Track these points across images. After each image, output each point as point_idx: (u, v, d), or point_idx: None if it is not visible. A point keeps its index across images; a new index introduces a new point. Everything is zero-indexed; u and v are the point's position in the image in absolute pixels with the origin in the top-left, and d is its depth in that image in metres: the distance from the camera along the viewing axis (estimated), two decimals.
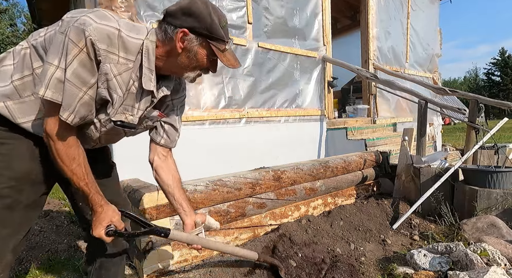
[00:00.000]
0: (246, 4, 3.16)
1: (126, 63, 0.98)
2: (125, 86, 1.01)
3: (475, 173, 2.56)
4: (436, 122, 5.95)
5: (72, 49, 0.88)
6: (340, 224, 2.41)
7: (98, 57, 0.92)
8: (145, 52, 1.00)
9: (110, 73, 0.96)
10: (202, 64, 1.06)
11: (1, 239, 0.99)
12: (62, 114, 0.91)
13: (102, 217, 1.04)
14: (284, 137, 3.56)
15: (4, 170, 0.97)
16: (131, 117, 1.07)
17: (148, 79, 1.02)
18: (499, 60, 48.03)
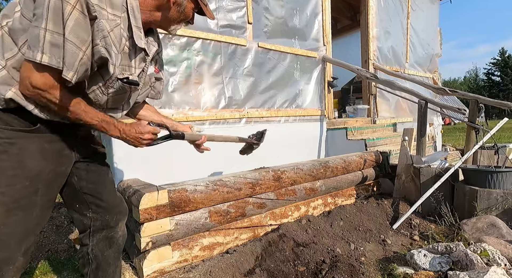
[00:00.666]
0: (246, 4, 3.16)
1: (114, 19, 0.98)
2: (118, 43, 1.01)
3: (475, 173, 2.56)
4: (436, 122, 5.95)
5: (65, 8, 0.86)
6: (340, 224, 2.41)
7: (93, 13, 0.91)
8: (130, 10, 1.02)
9: (105, 30, 0.95)
10: (188, 17, 1.16)
11: (15, 243, 0.97)
12: (66, 74, 0.90)
13: (136, 124, 1.11)
14: (284, 137, 3.56)
15: (18, 170, 0.96)
16: (131, 76, 1.09)
17: (138, 36, 1.05)
18: (499, 60, 48.05)
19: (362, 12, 4.74)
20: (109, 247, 1.27)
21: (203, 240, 1.97)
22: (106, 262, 1.28)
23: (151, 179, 2.23)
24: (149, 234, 1.72)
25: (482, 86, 52.58)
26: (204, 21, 2.87)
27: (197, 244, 1.94)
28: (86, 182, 1.20)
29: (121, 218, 1.30)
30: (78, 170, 1.18)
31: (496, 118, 23.03)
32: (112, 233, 1.27)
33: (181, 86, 2.72)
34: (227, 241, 2.08)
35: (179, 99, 2.70)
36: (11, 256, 0.97)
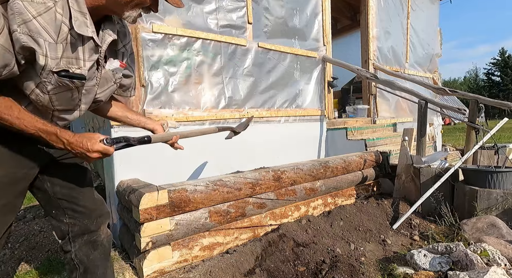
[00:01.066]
0: (246, 4, 3.16)
1: (43, 2, 0.83)
2: (54, 30, 0.86)
3: (475, 173, 2.56)
4: (436, 122, 5.95)
5: None
6: (340, 224, 2.41)
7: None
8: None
9: (25, 13, 0.80)
10: (143, 1, 0.98)
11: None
12: None
13: (87, 137, 0.93)
14: (284, 137, 3.56)
15: None
16: (78, 70, 0.94)
17: (81, 23, 0.89)
18: (499, 60, 48.04)
19: (362, 12, 4.74)
20: (94, 250, 1.23)
21: (203, 240, 1.97)
22: (93, 264, 1.24)
23: (151, 179, 2.23)
24: (149, 234, 1.72)
25: (482, 86, 52.57)
26: (204, 21, 2.87)
27: (197, 244, 1.94)
28: (59, 187, 1.14)
29: (102, 221, 1.25)
30: (50, 175, 1.12)
31: (497, 117, 23.04)
32: (95, 237, 1.23)
33: (181, 86, 2.72)
34: (227, 241, 2.08)
35: (179, 99, 2.70)
36: None
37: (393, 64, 5.11)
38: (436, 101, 3.45)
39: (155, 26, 2.53)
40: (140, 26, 2.45)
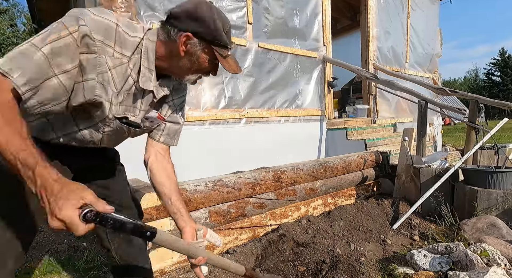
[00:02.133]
0: (246, 4, 3.16)
1: (120, 57, 0.94)
2: (120, 82, 0.96)
3: (475, 173, 2.56)
4: (436, 122, 5.95)
5: (60, 30, 0.82)
6: (340, 224, 2.41)
7: (92, 47, 0.87)
8: (144, 51, 0.98)
9: (105, 65, 0.91)
10: (204, 68, 1.05)
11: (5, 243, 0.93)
12: (18, 83, 0.77)
13: (66, 193, 0.69)
14: (284, 137, 3.56)
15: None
16: (133, 117, 1.04)
17: (147, 79, 1.00)
18: (499, 60, 48.04)
19: (362, 12, 4.74)
20: (132, 247, 1.27)
21: None
22: (134, 260, 1.28)
23: None
24: None
25: (482, 86, 52.56)
26: None
27: None
28: (95, 187, 1.14)
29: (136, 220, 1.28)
30: (86, 176, 1.14)
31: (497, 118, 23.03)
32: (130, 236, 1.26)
33: None
34: (227, 241, 2.08)
35: None
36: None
37: (393, 64, 5.11)
38: (436, 101, 3.45)
39: (155, 26, 2.53)
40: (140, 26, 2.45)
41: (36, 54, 0.80)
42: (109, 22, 0.90)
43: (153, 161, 1.19)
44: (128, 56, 0.96)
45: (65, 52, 0.83)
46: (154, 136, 1.20)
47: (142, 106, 1.06)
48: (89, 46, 0.86)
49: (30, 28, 25.08)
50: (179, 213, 1.18)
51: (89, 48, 0.87)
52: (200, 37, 0.97)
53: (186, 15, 0.96)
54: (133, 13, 2.43)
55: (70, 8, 5.02)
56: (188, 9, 0.96)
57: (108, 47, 0.90)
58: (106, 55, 0.90)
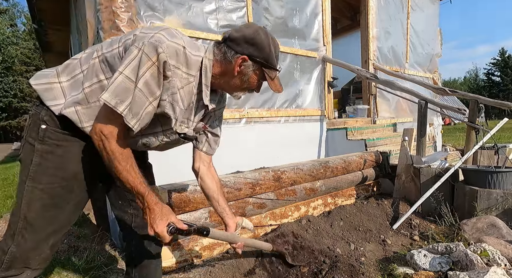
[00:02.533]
0: (246, 4, 3.16)
1: (187, 77, 1.05)
2: (186, 99, 1.08)
3: (475, 173, 2.56)
4: (436, 122, 5.95)
5: (146, 62, 0.95)
6: (340, 224, 2.41)
7: (167, 72, 0.98)
8: (203, 69, 1.08)
9: (176, 87, 1.02)
10: (252, 86, 1.17)
11: (45, 235, 1.06)
12: (129, 121, 0.96)
13: (161, 215, 1.03)
14: (284, 137, 3.56)
15: (59, 171, 1.05)
16: (187, 129, 1.15)
17: (205, 94, 1.11)
18: (499, 60, 48.05)
19: (362, 12, 4.74)
20: (149, 246, 1.34)
21: (203, 240, 1.97)
22: (148, 260, 1.35)
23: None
24: None
25: (482, 86, 52.55)
26: (204, 21, 2.87)
27: (197, 244, 1.94)
28: None
29: None
30: None
31: (496, 118, 23.01)
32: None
33: None
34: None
35: None
36: (39, 247, 1.06)
37: (393, 64, 5.10)
38: (436, 101, 3.45)
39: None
40: (140, 26, 2.45)
41: (134, 89, 0.95)
42: (179, 46, 1.01)
43: (202, 169, 1.38)
44: (193, 75, 1.08)
45: (153, 81, 0.97)
46: (198, 147, 1.35)
47: (195, 119, 1.18)
48: (166, 71, 0.99)
49: (30, 28, 25.07)
50: (225, 212, 1.42)
51: (165, 73, 0.99)
52: (254, 60, 1.09)
53: (244, 40, 1.07)
54: (133, 13, 2.43)
55: (70, 8, 4.99)
56: (247, 35, 1.07)
57: (177, 69, 1.02)
58: (176, 77, 1.02)
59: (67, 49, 7.00)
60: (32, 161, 1.03)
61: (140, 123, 0.99)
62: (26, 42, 28.23)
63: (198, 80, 1.09)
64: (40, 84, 1.06)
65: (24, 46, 27.94)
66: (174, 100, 1.04)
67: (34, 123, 1.05)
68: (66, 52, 7.25)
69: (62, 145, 1.05)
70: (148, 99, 0.98)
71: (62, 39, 6.41)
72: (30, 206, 1.03)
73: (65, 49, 7.12)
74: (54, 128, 1.04)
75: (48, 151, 1.04)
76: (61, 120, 1.05)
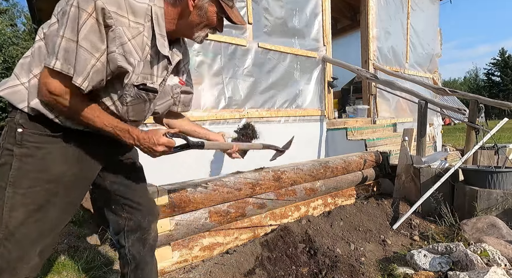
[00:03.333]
0: (246, 4, 3.16)
1: (137, 27, 0.98)
2: (141, 50, 1.01)
3: (475, 173, 2.56)
4: (436, 123, 5.95)
5: (81, 16, 0.88)
6: (340, 224, 2.41)
7: (107, 20, 0.91)
8: (154, 18, 1.01)
9: (123, 37, 0.95)
10: (212, 22, 1.10)
11: (30, 243, 1.01)
12: (75, 80, 0.91)
13: (153, 132, 1.04)
14: (284, 137, 3.55)
15: (41, 174, 1.01)
16: (152, 85, 1.08)
17: (161, 44, 1.04)
18: (499, 60, 48.00)
19: (362, 12, 4.74)
20: (143, 247, 1.33)
21: (203, 240, 1.97)
22: (143, 261, 1.34)
23: (151, 179, 2.22)
24: None
25: (482, 86, 52.51)
26: None
27: (197, 244, 1.94)
28: (117, 185, 1.25)
29: (152, 219, 1.36)
30: (109, 174, 1.23)
31: (496, 118, 22.99)
32: (145, 234, 1.33)
33: None
34: (227, 241, 2.08)
35: None
36: (26, 255, 1.00)
37: (393, 64, 5.11)
38: (436, 101, 3.45)
39: None
40: None
41: (77, 48, 0.89)
42: None
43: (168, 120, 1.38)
44: (143, 24, 0.99)
45: (94, 34, 0.90)
46: (173, 108, 1.33)
47: (158, 73, 1.10)
48: (106, 20, 0.91)
49: (30, 28, 25.08)
50: (208, 133, 1.47)
51: (106, 22, 0.91)
52: None
53: None
54: None
55: None
56: None
57: (122, 17, 0.94)
58: (122, 25, 0.94)
59: None
60: (12, 166, 0.98)
61: (89, 81, 0.93)
62: (26, 42, 28.25)
63: (151, 31, 1.02)
64: (4, 89, 1.01)
65: (24, 46, 27.95)
66: (126, 52, 0.96)
67: (10, 129, 1.01)
68: None
69: (43, 147, 1.01)
70: (93, 55, 0.92)
71: None
72: (11, 213, 0.97)
73: None
74: (32, 130, 1.00)
75: (27, 154, 0.99)
76: (36, 120, 1.00)
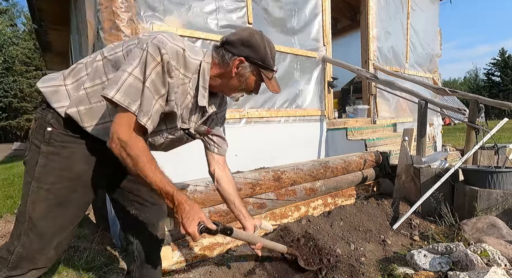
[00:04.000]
0: (246, 4, 3.16)
1: (183, 78, 1.10)
2: (182, 98, 1.12)
3: (475, 173, 2.56)
4: (436, 123, 5.95)
5: (151, 62, 0.99)
6: (340, 224, 2.41)
7: (171, 72, 1.03)
8: (201, 72, 1.12)
9: (175, 86, 1.07)
10: (250, 87, 1.21)
11: (50, 235, 1.08)
12: (141, 119, 0.98)
13: (192, 214, 1.05)
14: (284, 137, 3.56)
15: (64, 172, 1.08)
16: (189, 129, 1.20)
17: (202, 96, 1.14)
18: (499, 60, 48.03)
19: (362, 12, 4.74)
20: (150, 244, 1.36)
21: (203, 240, 1.97)
22: (149, 259, 1.37)
23: None
24: None
25: (482, 87, 52.51)
26: (204, 21, 2.87)
27: (197, 244, 1.94)
28: (127, 181, 1.31)
29: (160, 217, 1.39)
30: (120, 172, 1.26)
31: (493, 117, 22.95)
32: (154, 231, 1.36)
33: None
34: (227, 241, 2.08)
35: None
36: (45, 247, 1.08)
37: (393, 64, 5.10)
38: (436, 101, 3.45)
39: (155, 26, 2.53)
40: (141, 26, 2.45)
41: (143, 88, 0.99)
42: (179, 48, 1.05)
43: (218, 172, 1.45)
44: (190, 77, 1.12)
45: (159, 79, 1.01)
46: (211, 150, 1.41)
47: (194, 119, 1.21)
48: (170, 72, 1.03)
49: (30, 28, 25.07)
50: (241, 215, 1.45)
51: (169, 74, 1.03)
52: (251, 61, 1.13)
53: (241, 42, 1.11)
54: (133, 14, 2.43)
55: (70, 8, 4.99)
56: (243, 37, 1.12)
57: (177, 70, 1.06)
58: (176, 77, 1.07)
59: (67, 49, 7.00)
60: (38, 162, 1.05)
61: (152, 121, 1.01)
62: (26, 42, 28.23)
63: (196, 83, 1.13)
64: (47, 86, 1.09)
65: (24, 46, 27.94)
66: (176, 98, 1.08)
67: (40, 126, 1.08)
68: (66, 52, 7.25)
69: (68, 147, 1.08)
70: (154, 98, 1.01)
71: (62, 39, 6.41)
72: (35, 206, 1.05)
73: (65, 49, 7.12)
74: (60, 130, 1.07)
75: (53, 152, 1.06)
76: (66, 122, 1.07)
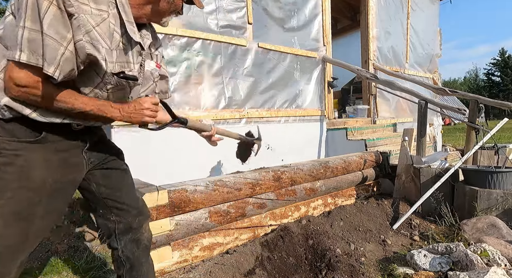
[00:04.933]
0: (246, 4, 3.16)
1: (99, 14, 0.96)
2: (108, 38, 0.98)
3: (475, 173, 2.56)
4: (436, 123, 5.95)
5: (41, 4, 0.85)
6: (340, 224, 2.41)
7: (68, 8, 0.89)
8: (120, 5, 1.01)
9: (88, 24, 0.92)
10: (178, 7, 1.14)
11: (11, 253, 0.96)
12: (47, 69, 0.87)
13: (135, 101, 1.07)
14: (284, 137, 3.56)
15: (22, 182, 0.96)
16: (130, 72, 1.08)
17: (131, 30, 1.04)
18: (499, 60, 48.02)
19: (362, 12, 4.74)
20: (137, 248, 1.31)
21: (203, 240, 1.97)
22: (138, 262, 1.32)
23: (151, 179, 2.23)
24: None
25: (482, 87, 52.51)
26: (204, 21, 2.87)
27: (197, 245, 1.94)
28: (104, 187, 1.23)
29: (143, 220, 1.34)
30: (95, 177, 1.20)
31: (493, 117, 22.91)
32: (138, 234, 1.31)
33: (181, 86, 2.72)
34: (227, 241, 2.08)
35: (179, 99, 2.70)
36: (5, 268, 0.95)
37: (393, 64, 5.11)
38: (436, 101, 3.45)
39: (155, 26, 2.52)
40: None
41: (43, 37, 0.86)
42: None
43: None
44: (106, 11, 0.98)
45: (58, 22, 0.88)
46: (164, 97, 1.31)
47: (134, 59, 1.10)
48: (67, 8, 0.89)
49: None
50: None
51: (67, 10, 0.89)
52: None
53: None
54: None
55: None
56: None
57: (83, 5, 0.92)
58: (84, 13, 0.92)
59: None
60: None
61: (61, 71, 0.89)
62: None
63: (119, 19, 1.01)
64: None
65: None
66: (93, 39, 0.94)
67: None
68: None
69: (22, 154, 0.96)
70: (61, 44, 0.89)
71: None
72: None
73: None
74: (8, 137, 0.95)
75: (6, 163, 0.94)
76: (12, 125, 0.96)
